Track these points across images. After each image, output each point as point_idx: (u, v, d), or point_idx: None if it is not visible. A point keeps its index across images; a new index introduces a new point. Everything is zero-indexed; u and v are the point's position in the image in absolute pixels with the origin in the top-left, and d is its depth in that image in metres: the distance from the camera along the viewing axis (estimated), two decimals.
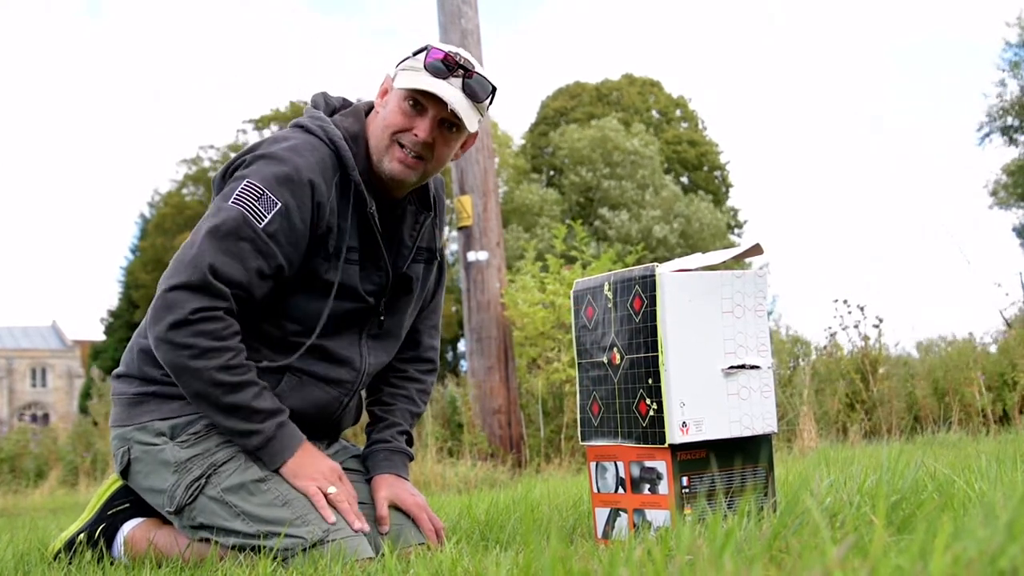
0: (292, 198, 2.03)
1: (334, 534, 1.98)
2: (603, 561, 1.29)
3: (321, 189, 2.06)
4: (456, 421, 7.29)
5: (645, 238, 28.05)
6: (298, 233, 2.05)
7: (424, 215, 2.28)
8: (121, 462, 2.19)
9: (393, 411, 2.36)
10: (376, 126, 2.16)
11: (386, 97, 2.17)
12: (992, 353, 7.02)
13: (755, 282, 2.00)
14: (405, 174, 2.13)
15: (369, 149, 2.16)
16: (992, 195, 28.69)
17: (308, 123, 2.16)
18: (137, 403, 2.18)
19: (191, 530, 2.10)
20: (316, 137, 2.12)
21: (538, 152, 33.59)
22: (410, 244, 2.26)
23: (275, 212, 2.02)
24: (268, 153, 2.08)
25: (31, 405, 50.44)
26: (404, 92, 2.10)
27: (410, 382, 2.42)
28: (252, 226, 2.01)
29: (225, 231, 2.00)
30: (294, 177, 2.03)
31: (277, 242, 2.02)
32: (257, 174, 2.05)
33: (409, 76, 2.09)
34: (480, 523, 2.49)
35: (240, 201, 2.02)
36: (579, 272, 7.28)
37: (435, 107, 2.09)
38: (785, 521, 1.41)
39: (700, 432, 1.90)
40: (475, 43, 7.22)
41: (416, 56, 2.12)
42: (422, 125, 2.09)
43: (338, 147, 2.11)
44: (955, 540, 0.98)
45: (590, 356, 2.10)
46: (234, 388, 2.01)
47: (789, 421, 6.02)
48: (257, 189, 2.02)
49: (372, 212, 2.13)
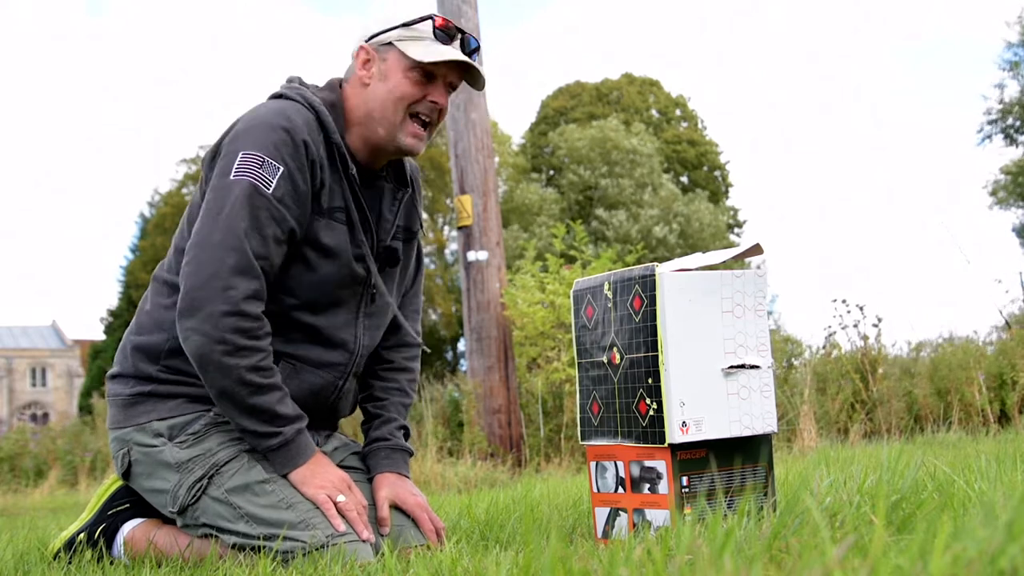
0: (291, 160, 2.04)
1: (336, 539, 1.98)
2: (603, 561, 1.29)
3: (313, 148, 2.07)
4: (456, 420, 7.30)
5: (644, 238, 28.04)
6: (302, 194, 2.06)
7: (402, 191, 2.30)
8: (122, 465, 2.19)
9: (387, 406, 2.36)
10: (378, 100, 2.14)
11: (372, 68, 2.16)
12: (992, 353, 7.01)
13: (755, 282, 2.00)
14: (416, 146, 2.17)
15: (349, 117, 2.17)
16: (992, 195, 28.69)
17: (286, 91, 2.17)
18: (134, 403, 2.17)
19: (194, 528, 2.10)
20: (296, 102, 2.13)
21: (538, 152, 33.58)
22: (391, 219, 2.27)
23: (279, 176, 2.02)
24: (257, 123, 2.07)
25: (31, 405, 50.45)
26: (412, 63, 2.11)
27: (399, 372, 2.41)
28: (263, 193, 2.01)
29: (239, 204, 1.99)
30: (288, 140, 2.04)
31: (286, 206, 2.03)
32: (252, 143, 2.04)
33: (418, 47, 2.11)
34: (480, 523, 2.49)
35: (243, 172, 2.01)
36: (579, 272, 7.28)
37: (447, 73, 2.14)
38: (785, 521, 1.41)
39: (700, 432, 1.90)
40: None
41: (414, 26, 2.13)
42: (437, 92, 2.14)
43: (318, 111, 2.13)
44: (955, 540, 0.98)
45: (590, 356, 2.10)
46: (261, 390, 2.00)
47: (789, 421, 6.02)
48: (257, 157, 2.02)
49: (353, 174, 2.14)
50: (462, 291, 7.27)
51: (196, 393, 2.13)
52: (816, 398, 6.38)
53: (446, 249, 33.10)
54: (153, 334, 2.17)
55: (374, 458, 2.29)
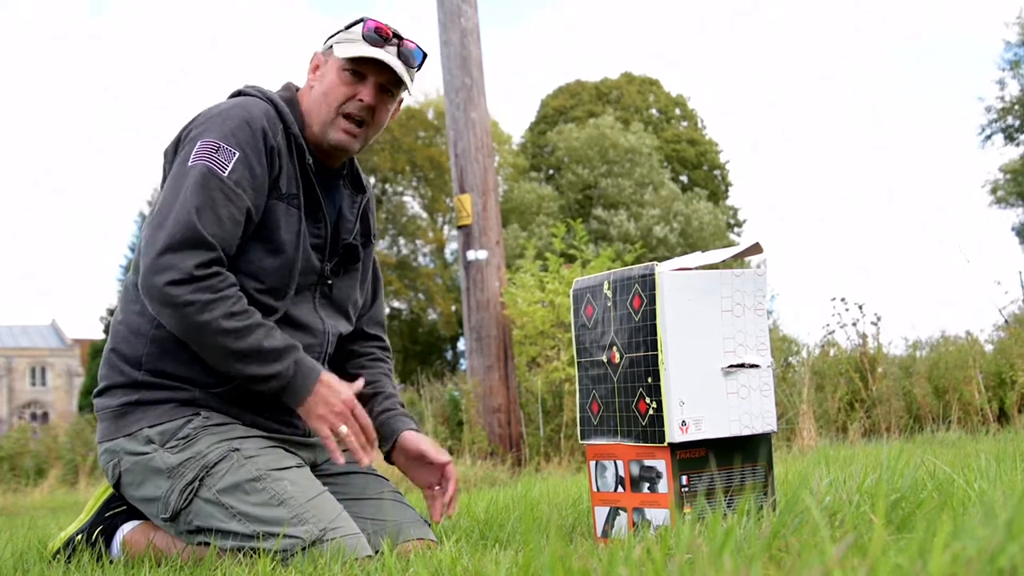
0: (248, 146, 2.10)
1: (332, 532, 1.98)
2: (602, 560, 1.29)
3: (271, 136, 2.14)
4: (456, 420, 7.30)
5: (644, 237, 28.04)
6: (259, 177, 2.11)
7: (360, 196, 2.37)
8: (113, 476, 2.18)
9: (382, 384, 2.42)
10: (315, 100, 2.23)
11: (319, 72, 2.26)
12: (991, 352, 7.01)
13: (755, 281, 2.00)
14: (349, 143, 2.22)
15: (304, 118, 2.24)
16: (992, 193, 28.70)
17: (244, 88, 2.27)
18: (123, 414, 2.16)
19: (187, 535, 2.09)
20: (255, 97, 2.21)
21: (538, 151, 33.58)
22: (352, 219, 2.33)
23: (235, 160, 2.08)
24: (215, 114, 2.15)
25: (30, 404, 50.44)
26: (343, 62, 2.19)
27: (379, 363, 2.48)
28: (218, 176, 2.06)
29: (193, 186, 2.04)
30: (246, 127, 2.11)
31: (242, 187, 2.08)
32: (209, 132, 2.11)
33: (348, 47, 2.18)
34: (480, 522, 2.49)
35: (200, 157, 2.07)
36: (578, 271, 7.28)
37: (376, 73, 2.19)
38: (784, 520, 1.41)
39: (699, 431, 1.90)
40: (475, 41, 7.22)
41: (350, 29, 2.22)
42: (365, 90, 2.20)
43: (276, 104, 2.20)
44: (954, 539, 0.98)
45: (589, 355, 2.10)
46: (242, 333, 2.02)
47: (789, 420, 6.03)
48: (213, 144, 2.09)
49: (309, 163, 2.20)
50: (462, 290, 7.27)
51: (184, 397, 2.13)
52: (815, 397, 6.39)
53: (445, 248, 33.12)
54: (131, 342, 2.18)
55: (395, 421, 2.35)
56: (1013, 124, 28.32)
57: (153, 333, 2.14)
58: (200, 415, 2.12)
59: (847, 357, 6.89)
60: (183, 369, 2.13)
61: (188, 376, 2.13)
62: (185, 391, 2.13)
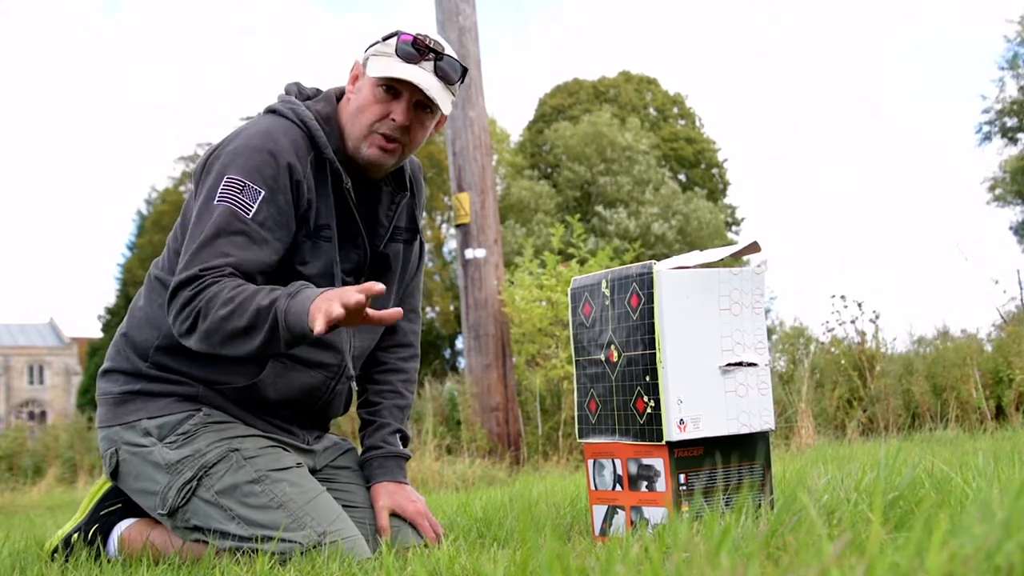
0: (274, 182, 2.05)
1: (331, 535, 1.98)
2: (600, 558, 1.29)
3: (298, 169, 2.08)
4: (454, 418, 7.29)
5: (643, 235, 28.03)
6: (285, 215, 2.07)
7: (400, 195, 2.29)
8: (110, 464, 2.18)
9: (381, 411, 2.35)
10: (350, 116, 2.17)
11: (358, 83, 2.18)
12: (989, 350, 7.01)
13: (753, 279, 2.00)
14: (383, 159, 2.15)
15: (343, 132, 2.18)
16: (990, 191, 28.70)
17: (279, 107, 2.19)
18: (123, 402, 2.17)
19: (185, 531, 2.09)
20: (287, 119, 2.14)
21: (536, 149, 33.56)
22: (386, 223, 2.27)
23: (260, 200, 2.03)
24: (242, 144, 2.08)
25: (28, 402, 50.41)
26: (377, 79, 2.11)
27: (393, 374, 2.41)
28: (242, 219, 2.02)
29: (216, 230, 2.00)
30: (272, 161, 2.05)
31: (268, 228, 2.04)
32: (235, 167, 2.05)
33: (381, 63, 2.10)
34: (478, 520, 2.49)
35: (224, 198, 2.03)
36: (576, 269, 7.28)
37: (409, 91, 2.11)
38: (782, 518, 1.41)
39: (697, 429, 1.90)
40: (473, 40, 7.22)
41: (386, 41, 2.13)
42: (398, 109, 2.11)
43: (310, 127, 2.14)
44: (952, 537, 0.98)
45: (587, 353, 2.10)
46: (238, 311, 1.92)
47: (787, 418, 6.03)
48: (238, 182, 2.04)
49: (348, 188, 2.15)
50: (460, 288, 7.26)
51: (186, 392, 2.13)
52: (813, 395, 6.39)
53: (444, 246, 33.10)
54: (144, 330, 2.18)
55: (369, 468, 2.30)
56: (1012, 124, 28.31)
57: (168, 329, 2.12)
58: (201, 411, 2.12)
59: (846, 354, 6.89)
60: (188, 365, 2.13)
61: (192, 372, 2.13)
62: (188, 386, 2.13)
